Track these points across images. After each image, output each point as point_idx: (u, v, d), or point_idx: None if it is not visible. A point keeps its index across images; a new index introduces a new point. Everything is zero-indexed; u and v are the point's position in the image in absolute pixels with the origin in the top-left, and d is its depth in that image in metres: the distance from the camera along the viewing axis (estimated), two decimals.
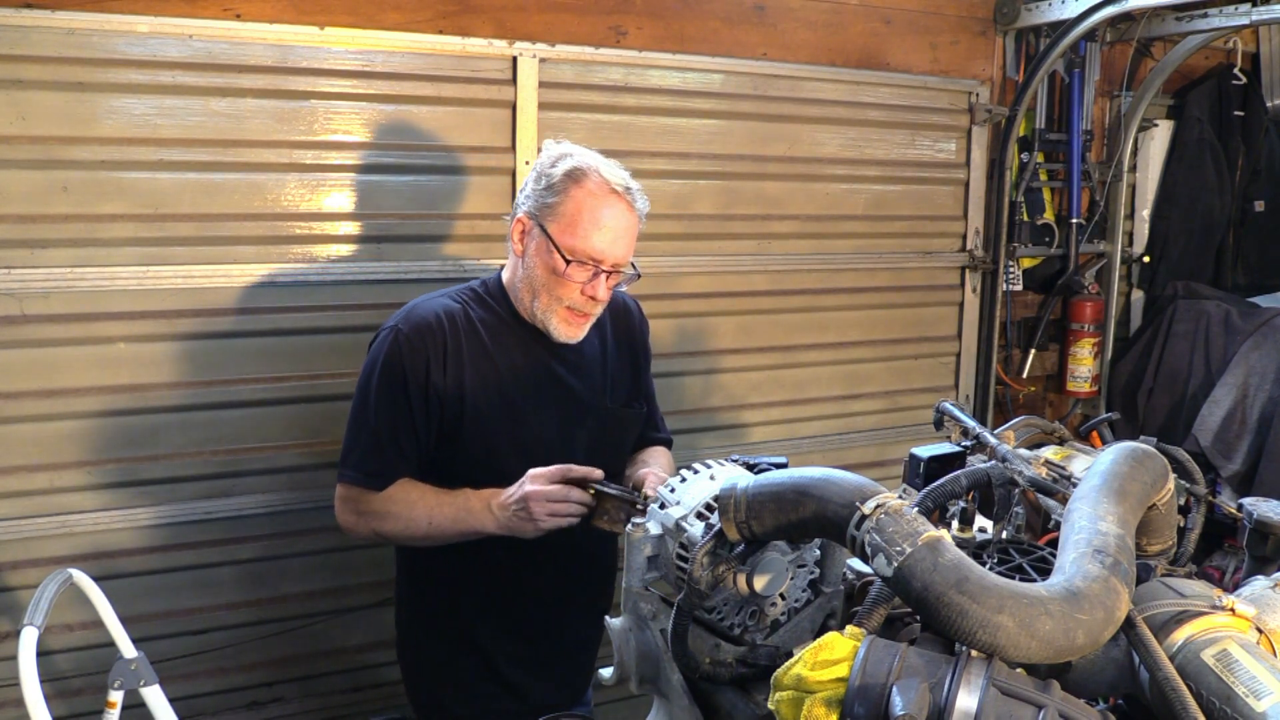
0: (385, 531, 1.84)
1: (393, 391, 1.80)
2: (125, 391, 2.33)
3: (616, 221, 1.80)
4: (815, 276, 3.14)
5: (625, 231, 1.81)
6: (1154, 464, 1.14)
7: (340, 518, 1.88)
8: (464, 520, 1.77)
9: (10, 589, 2.29)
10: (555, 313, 1.83)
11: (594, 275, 1.80)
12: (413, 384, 1.80)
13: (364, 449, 1.83)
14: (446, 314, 1.85)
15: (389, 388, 1.81)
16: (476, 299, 1.91)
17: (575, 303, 1.82)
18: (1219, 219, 3.82)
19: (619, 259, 1.81)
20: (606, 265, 1.80)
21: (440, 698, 1.98)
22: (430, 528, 1.79)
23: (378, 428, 1.81)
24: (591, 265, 1.79)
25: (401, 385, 1.80)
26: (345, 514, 1.87)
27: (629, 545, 1.26)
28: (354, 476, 1.83)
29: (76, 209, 2.23)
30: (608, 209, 1.79)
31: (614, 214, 1.79)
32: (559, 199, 1.79)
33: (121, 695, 1.71)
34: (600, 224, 1.78)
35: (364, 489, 1.82)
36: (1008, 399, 3.64)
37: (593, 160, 1.83)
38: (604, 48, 2.70)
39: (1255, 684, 0.89)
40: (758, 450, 1.68)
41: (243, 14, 2.30)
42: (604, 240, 1.78)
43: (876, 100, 3.15)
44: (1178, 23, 3.31)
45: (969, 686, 0.84)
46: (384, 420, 1.81)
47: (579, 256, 1.78)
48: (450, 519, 1.78)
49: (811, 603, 1.27)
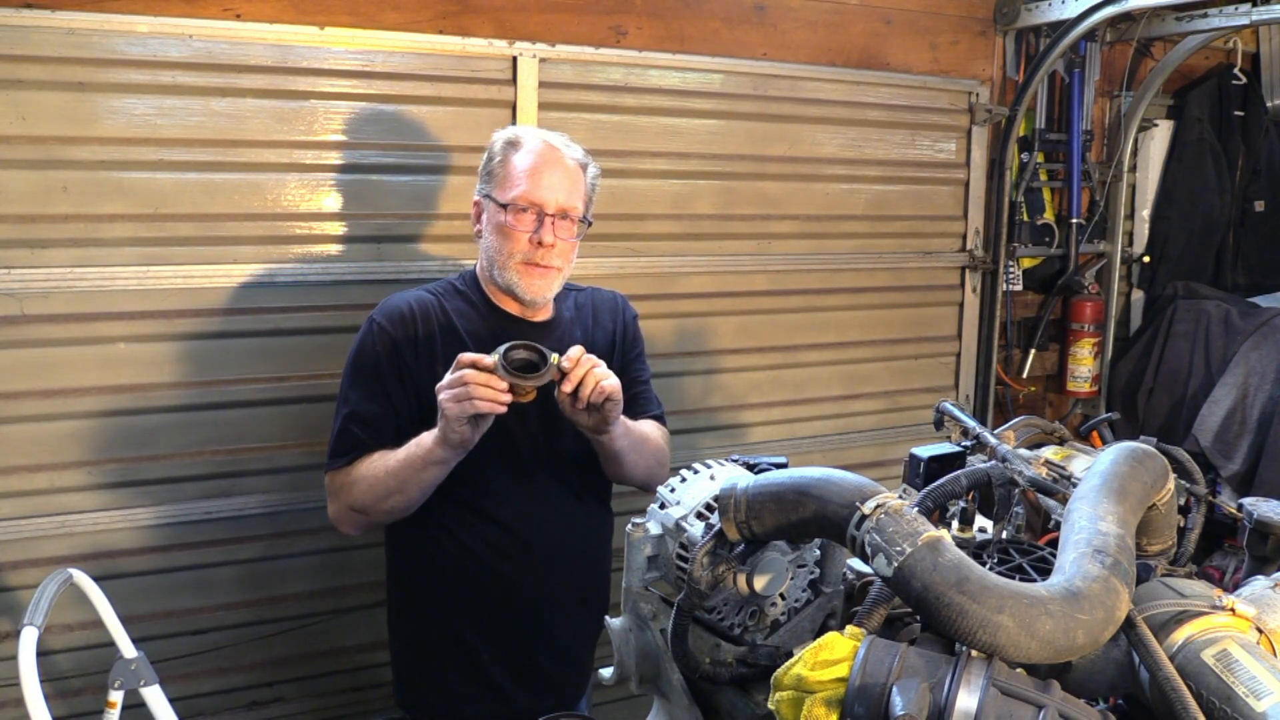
0: (356, 502, 1.83)
1: (365, 377, 1.85)
2: (125, 391, 2.33)
3: (552, 168, 1.87)
4: (815, 276, 3.14)
5: (563, 178, 1.87)
6: (1154, 464, 1.13)
7: (328, 511, 1.91)
8: (413, 455, 1.76)
9: (10, 589, 2.29)
10: (512, 269, 1.87)
11: (538, 221, 1.84)
12: (386, 367, 1.84)
13: (338, 437, 1.87)
14: (419, 304, 1.90)
15: (361, 374, 1.86)
16: (452, 291, 1.96)
17: (527, 254, 1.85)
18: (1219, 219, 3.82)
19: (562, 204, 1.86)
20: (550, 209, 1.85)
21: (426, 698, 1.97)
22: (389, 478, 1.78)
23: (351, 413, 1.86)
24: (532, 210, 1.84)
25: (375, 369, 1.84)
26: (330, 505, 1.90)
27: (629, 545, 1.26)
28: (330, 464, 1.87)
29: (76, 209, 2.23)
30: (542, 158, 1.87)
31: (549, 161, 1.87)
32: (498, 164, 1.89)
33: (121, 695, 1.71)
34: (536, 171, 1.85)
35: (336, 471, 1.85)
36: (1008, 399, 3.64)
37: (529, 129, 1.94)
38: (604, 48, 2.70)
39: (1255, 684, 0.89)
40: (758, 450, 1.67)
41: (243, 14, 2.30)
42: (540, 184, 1.84)
43: (876, 100, 3.15)
44: (1178, 23, 3.31)
45: (969, 686, 0.84)
46: (356, 404, 1.86)
47: (518, 204, 1.84)
48: (403, 459, 1.77)
49: (811, 603, 1.27)
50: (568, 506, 1.95)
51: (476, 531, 1.89)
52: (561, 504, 1.94)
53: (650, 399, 2.13)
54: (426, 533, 1.91)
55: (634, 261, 2.83)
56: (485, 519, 1.89)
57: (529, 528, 1.91)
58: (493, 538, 1.89)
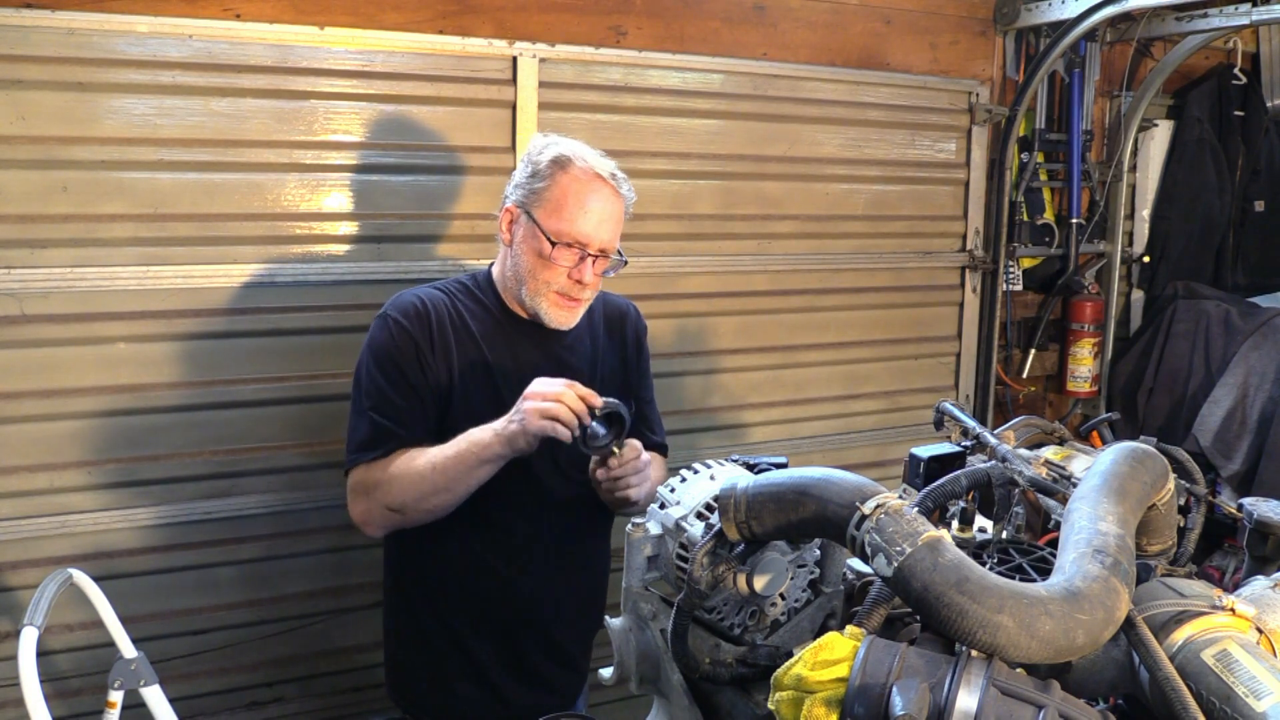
0: (394, 501, 1.76)
1: (385, 372, 1.81)
2: (125, 391, 2.33)
3: (601, 205, 1.83)
4: (815, 276, 3.14)
5: (610, 216, 1.84)
6: (1154, 464, 1.13)
7: (352, 511, 1.83)
8: (467, 452, 1.71)
9: (10, 589, 2.29)
10: (545, 297, 1.84)
11: (580, 259, 1.82)
12: (407, 362, 1.81)
13: (362, 432, 1.82)
14: (430, 300, 1.87)
15: (381, 370, 1.82)
16: (464, 291, 1.93)
17: (563, 287, 1.83)
18: (1219, 219, 3.82)
19: (605, 243, 1.84)
20: (593, 249, 1.82)
21: (421, 695, 1.97)
22: (435, 474, 1.72)
23: (374, 407, 1.81)
24: (577, 249, 1.81)
25: (394, 364, 1.81)
26: (356, 504, 1.82)
27: (629, 545, 1.26)
28: (355, 458, 1.81)
29: (76, 209, 2.23)
30: (593, 193, 1.82)
31: (599, 198, 1.82)
32: (545, 185, 1.82)
33: (121, 695, 1.71)
34: (585, 207, 1.81)
35: (367, 465, 1.79)
36: (1008, 399, 3.64)
37: (578, 148, 1.86)
38: (604, 48, 2.70)
39: (1255, 684, 0.89)
40: (758, 450, 1.67)
41: (243, 14, 2.30)
42: (589, 223, 1.81)
43: (876, 100, 3.15)
44: (1178, 23, 3.31)
45: (969, 686, 0.84)
46: (378, 400, 1.81)
47: (565, 239, 1.80)
48: (454, 455, 1.72)
49: (811, 603, 1.27)
50: (567, 506, 1.95)
51: (476, 530, 1.89)
52: (561, 503, 1.93)
53: (653, 421, 2.12)
54: (427, 531, 1.91)
55: (634, 261, 2.80)
56: (485, 518, 1.88)
57: (528, 527, 1.91)
58: (492, 537, 1.89)
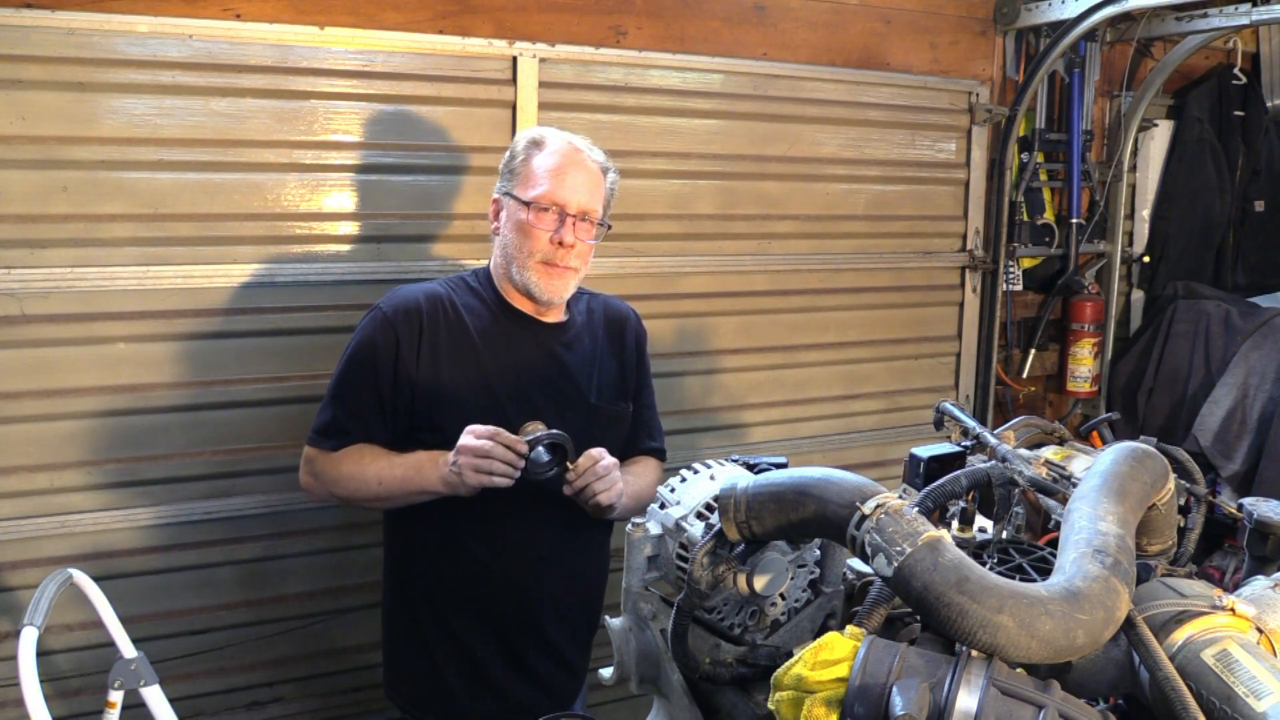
0: (339, 493, 1.91)
1: (361, 365, 1.89)
2: (125, 391, 2.33)
3: (575, 171, 1.89)
4: (815, 276, 3.14)
5: (586, 180, 1.90)
6: (1154, 464, 1.13)
7: (301, 478, 1.97)
8: (412, 480, 1.83)
9: (10, 589, 2.29)
10: (531, 269, 1.88)
11: (560, 222, 1.86)
12: (382, 361, 1.87)
13: (326, 414, 1.92)
14: (430, 297, 1.91)
15: (358, 361, 1.90)
16: (464, 286, 1.97)
17: (547, 254, 1.87)
18: (1219, 219, 3.82)
19: (583, 205, 1.88)
20: (571, 209, 1.87)
21: (419, 693, 1.98)
22: (380, 488, 1.85)
23: (339, 395, 1.91)
24: (554, 210, 1.86)
25: (370, 360, 1.87)
26: (304, 474, 1.96)
27: (629, 545, 1.26)
28: (312, 438, 1.92)
29: (76, 209, 2.23)
30: (567, 160, 1.89)
31: (573, 164, 1.89)
32: (521, 162, 1.91)
33: (121, 695, 1.71)
34: (560, 171, 1.88)
35: (319, 450, 1.90)
36: (1008, 399, 3.63)
37: (553, 129, 1.96)
38: (604, 48, 2.70)
39: (1255, 684, 0.89)
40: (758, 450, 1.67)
41: (243, 14, 2.30)
42: (564, 185, 1.87)
43: (876, 100, 3.15)
44: (1178, 23, 3.31)
45: (969, 686, 0.84)
46: (346, 389, 1.90)
47: (541, 203, 1.86)
48: (400, 479, 1.84)
49: (811, 603, 1.27)
50: (566, 506, 1.95)
51: (475, 531, 1.90)
52: (559, 504, 1.93)
53: (652, 425, 2.13)
54: (426, 532, 1.92)
55: (634, 261, 2.83)
56: (484, 519, 1.89)
57: (527, 528, 1.91)
58: (491, 538, 1.90)
